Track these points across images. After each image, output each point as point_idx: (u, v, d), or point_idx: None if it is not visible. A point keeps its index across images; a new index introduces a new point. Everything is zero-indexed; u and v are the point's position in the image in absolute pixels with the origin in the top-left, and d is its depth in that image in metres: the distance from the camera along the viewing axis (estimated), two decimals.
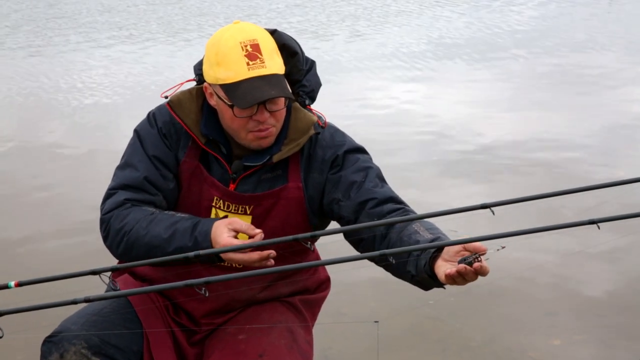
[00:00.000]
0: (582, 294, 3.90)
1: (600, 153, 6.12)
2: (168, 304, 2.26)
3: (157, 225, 2.07)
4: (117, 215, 2.12)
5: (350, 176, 2.18)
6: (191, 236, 2.03)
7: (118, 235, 2.11)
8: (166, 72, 9.05)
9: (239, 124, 2.10)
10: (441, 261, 1.86)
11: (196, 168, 2.20)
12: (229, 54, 2.06)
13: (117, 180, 2.20)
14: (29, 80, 8.85)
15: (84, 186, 5.45)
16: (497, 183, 5.46)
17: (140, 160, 2.19)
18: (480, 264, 1.75)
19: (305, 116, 2.19)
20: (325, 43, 10.75)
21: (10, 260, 4.38)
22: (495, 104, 7.62)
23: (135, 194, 2.16)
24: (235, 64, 2.04)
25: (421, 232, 2.00)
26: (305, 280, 2.40)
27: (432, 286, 1.98)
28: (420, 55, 9.90)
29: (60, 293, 1.65)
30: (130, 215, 2.11)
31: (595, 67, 9.03)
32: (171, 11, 13.64)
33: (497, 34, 11.26)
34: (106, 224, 2.14)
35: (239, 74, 2.04)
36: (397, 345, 3.40)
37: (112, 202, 2.16)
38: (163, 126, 2.21)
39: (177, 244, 2.04)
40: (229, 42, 2.06)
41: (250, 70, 2.04)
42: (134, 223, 2.09)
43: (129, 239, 2.09)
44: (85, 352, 2.08)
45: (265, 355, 2.13)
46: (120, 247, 2.11)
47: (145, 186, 2.17)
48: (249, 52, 2.05)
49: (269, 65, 2.05)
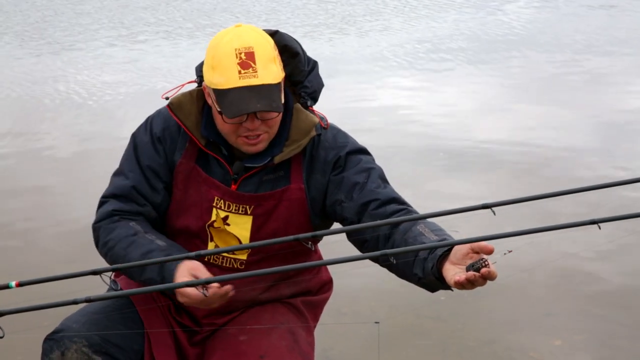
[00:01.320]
0: (582, 294, 3.90)
1: (599, 153, 6.12)
2: (170, 303, 2.27)
3: (135, 250, 2.13)
4: (104, 228, 2.20)
5: (352, 177, 2.18)
6: (159, 273, 2.07)
7: (104, 248, 2.21)
8: (165, 73, 9.05)
9: (229, 129, 2.11)
10: (449, 264, 1.86)
11: (192, 170, 2.21)
12: (223, 59, 2.06)
13: (109, 188, 2.27)
14: (27, 80, 8.85)
15: (84, 186, 5.45)
16: (494, 184, 5.46)
17: (132, 170, 2.23)
18: (488, 269, 1.75)
19: (307, 117, 2.19)
20: (322, 42, 10.75)
21: (11, 260, 4.38)
22: (491, 104, 7.62)
23: (123, 204, 2.22)
24: (227, 70, 2.05)
25: (426, 234, 2.00)
26: (307, 281, 2.39)
27: (439, 288, 1.98)
28: (418, 55, 9.90)
29: (61, 293, 1.65)
30: (115, 231, 2.18)
31: (593, 67, 9.03)
32: (170, 11, 13.64)
33: (495, 34, 11.25)
34: (96, 234, 2.24)
35: (229, 82, 2.04)
36: (397, 345, 3.40)
37: (101, 213, 2.24)
38: (158, 131, 2.22)
39: (148, 275, 2.10)
40: (225, 47, 2.07)
41: (241, 79, 2.04)
42: (116, 241, 2.16)
43: (112, 255, 2.18)
44: (87, 351, 2.08)
45: (266, 356, 2.13)
46: (107, 258, 2.21)
47: (133, 196, 2.22)
48: (242, 60, 2.04)
49: (261, 75, 2.04)
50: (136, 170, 2.22)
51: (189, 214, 2.23)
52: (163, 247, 2.12)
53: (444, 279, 1.86)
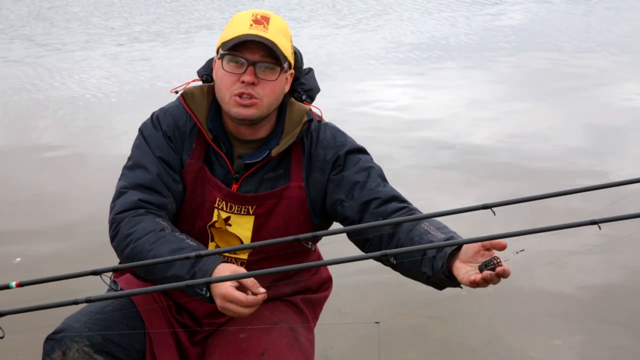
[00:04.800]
0: (583, 295, 3.90)
1: (598, 153, 6.13)
2: (171, 303, 2.27)
3: (163, 246, 2.03)
4: (129, 220, 2.10)
5: (352, 176, 2.18)
6: (190, 269, 1.99)
7: (125, 240, 2.09)
8: (161, 72, 9.06)
9: (226, 84, 2.10)
10: (459, 262, 1.86)
11: (200, 169, 2.20)
12: (238, 19, 2.12)
13: (127, 179, 2.18)
14: (25, 80, 8.85)
15: (84, 185, 5.46)
16: (490, 187, 5.46)
17: (151, 161, 2.18)
18: (503, 268, 1.77)
19: (299, 108, 2.21)
20: (317, 42, 10.75)
21: (11, 260, 4.38)
22: (488, 105, 7.63)
23: (147, 195, 2.14)
24: (239, 25, 2.10)
25: (432, 231, 2.00)
26: (307, 280, 2.40)
27: (447, 286, 1.98)
28: (414, 55, 9.91)
29: (61, 293, 1.65)
30: (141, 224, 2.08)
31: (588, 68, 9.06)
32: (168, 11, 13.64)
33: (492, 35, 11.27)
34: (116, 225, 2.12)
35: (238, 31, 2.08)
36: (398, 345, 3.40)
37: (124, 202, 2.13)
38: (167, 129, 2.21)
39: (175, 271, 2.00)
40: (242, 13, 2.14)
41: (251, 29, 2.07)
42: (143, 234, 2.06)
43: (134, 247, 2.06)
44: (88, 350, 2.08)
45: (266, 354, 2.13)
46: (125, 252, 2.09)
47: (157, 186, 2.15)
48: (257, 19, 2.10)
49: (271, 34, 2.08)
50: (155, 161, 2.17)
51: (194, 214, 2.22)
52: (194, 246, 2.05)
53: (454, 277, 1.86)
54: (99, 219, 4.60)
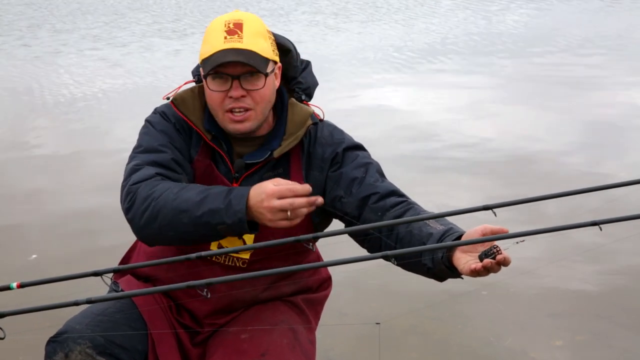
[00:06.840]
0: (583, 295, 3.90)
1: (596, 154, 6.13)
2: (172, 304, 2.27)
3: (189, 191, 2.00)
4: (146, 184, 2.04)
5: (350, 173, 2.18)
6: (225, 198, 1.96)
7: (145, 202, 2.01)
8: (155, 72, 9.06)
9: (216, 102, 2.11)
10: (459, 252, 1.87)
11: (208, 167, 2.20)
12: (212, 31, 2.12)
13: (140, 159, 2.13)
14: (23, 79, 8.86)
15: (84, 186, 5.45)
16: (490, 188, 5.46)
17: (164, 145, 2.15)
18: (503, 255, 1.77)
19: (302, 109, 2.21)
20: (314, 42, 10.76)
21: (11, 260, 4.38)
22: (486, 105, 7.64)
23: (164, 170, 2.10)
24: (214, 39, 2.09)
25: (431, 223, 2.01)
26: (306, 279, 2.40)
27: (448, 277, 1.99)
28: (415, 55, 9.91)
29: (62, 294, 1.65)
30: (161, 184, 2.04)
31: (586, 69, 9.07)
32: (165, 12, 13.64)
33: (489, 35, 11.27)
34: (133, 194, 2.04)
35: (214, 47, 2.08)
36: (398, 345, 3.40)
37: (141, 175, 2.07)
38: (177, 122, 2.21)
39: (209, 206, 1.95)
40: (216, 21, 2.14)
41: (225, 43, 2.07)
42: (164, 190, 2.02)
43: (156, 204, 1.99)
44: (90, 352, 2.08)
45: (267, 354, 2.13)
46: (145, 214, 2.01)
47: (172, 166, 2.13)
48: (230, 29, 2.09)
49: (247, 42, 2.08)
50: (168, 145, 2.16)
51: None
52: (220, 190, 2.01)
53: (455, 267, 1.87)
54: (99, 219, 4.62)
